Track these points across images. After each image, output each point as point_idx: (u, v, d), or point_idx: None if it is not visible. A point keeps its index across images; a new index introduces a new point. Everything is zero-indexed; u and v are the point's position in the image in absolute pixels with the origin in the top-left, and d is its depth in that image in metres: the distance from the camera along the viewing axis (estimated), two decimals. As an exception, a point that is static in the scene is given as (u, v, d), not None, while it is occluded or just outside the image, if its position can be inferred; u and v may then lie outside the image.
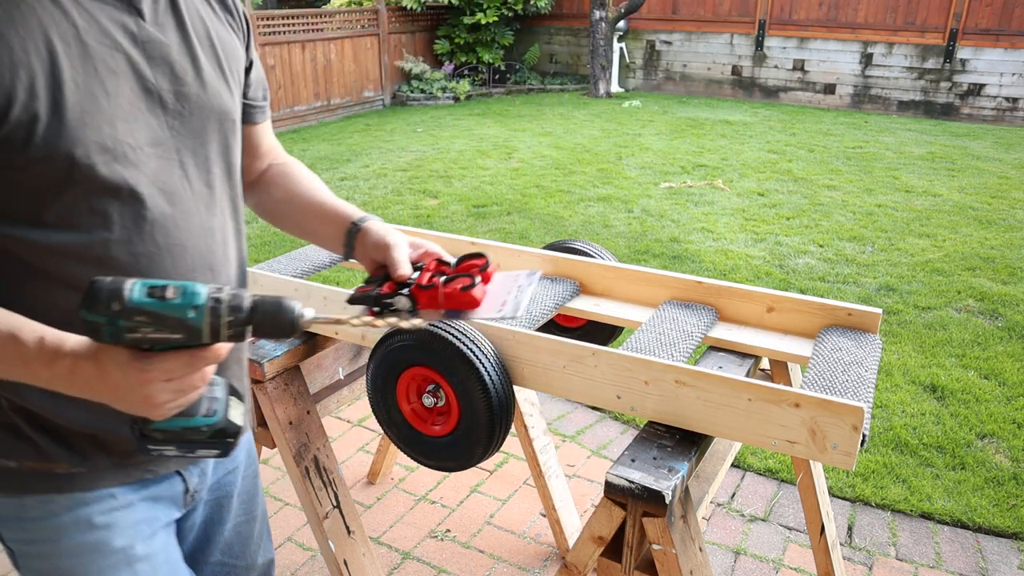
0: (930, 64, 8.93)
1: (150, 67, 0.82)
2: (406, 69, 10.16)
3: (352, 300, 0.96)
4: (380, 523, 2.30)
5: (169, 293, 0.68)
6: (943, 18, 8.75)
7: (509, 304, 0.91)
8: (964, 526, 2.29)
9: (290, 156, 1.17)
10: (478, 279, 0.92)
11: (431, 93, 10.03)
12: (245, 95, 1.02)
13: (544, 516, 2.33)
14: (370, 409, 1.33)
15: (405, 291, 0.93)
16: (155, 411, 0.73)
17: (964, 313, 3.69)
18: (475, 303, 0.91)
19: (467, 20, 10.19)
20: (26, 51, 0.71)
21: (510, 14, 10.44)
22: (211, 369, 0.74)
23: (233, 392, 0.81)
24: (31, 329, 0.72)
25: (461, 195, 5.63)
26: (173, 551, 0.98)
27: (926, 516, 2.33)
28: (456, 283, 0.91)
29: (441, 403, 1.28)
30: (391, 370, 1.29)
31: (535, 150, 7.11)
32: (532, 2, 10.39)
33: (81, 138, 0.75)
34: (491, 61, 10.64)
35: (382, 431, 1.94)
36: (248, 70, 1.01)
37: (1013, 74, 8.51)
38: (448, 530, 2.27)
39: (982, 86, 8.70)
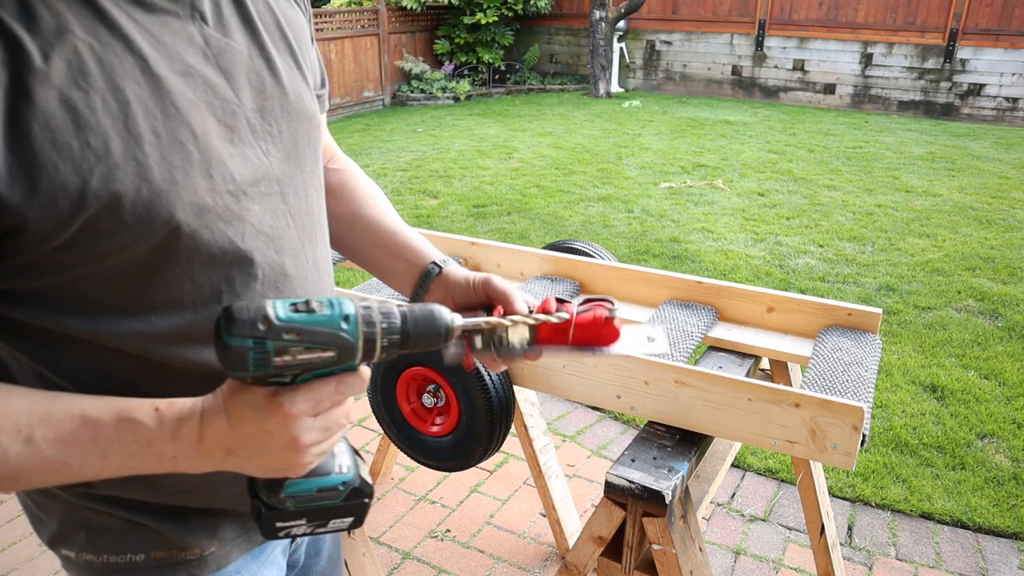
0: (930, 64, 8.93)
1: (230, 86, 0.65)
2: (406, 69, 10.16)
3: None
4: (380, 523, 2.30)
5: (315, 306, 0.58)
6: (943, 18, 8.75)
7: (654, 336, 0.76)
8: (964, 526, 2.29)
9: (347, 159, 0.98)
10: (616, 309, 0.75)
11: (431, 93, 10.03)
12: None
13: (544, 516, 2.33)
14: (370, 409, 1.33)
15: (522, 318, 0.74)
16: (301, 458, 0.59)
17: (964, 313, 3.69)
18: (615, 335, 0.75)
19: (467, 20, 10.19)
20: (92, 108, 0.55)
21: (510, 14, 10.44)
22: (360, 395, 0.62)
23: (355, 450, 0.70)
24: (140, 404, 0.59)
25: (461, 195, 5.63)
26: None
27: (926, 516, 2.33)
28: (593, 311, 0.74)
29: (441, 403, 1.28)
30: (391, 370, 1.29)
31: (535, 150, 7.11)
32: (532, 2, 10.40)
33: (174, 203, 0.60)
34: (491, 61, 10.64)
35: (382, 431, 1.94)
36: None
37: (1013, 74, 8.52)
38: (448, 530, 2.27)
39: (982, 86, 8.70)
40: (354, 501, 0.68)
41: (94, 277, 0.60)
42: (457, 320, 0.62)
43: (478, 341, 0.74)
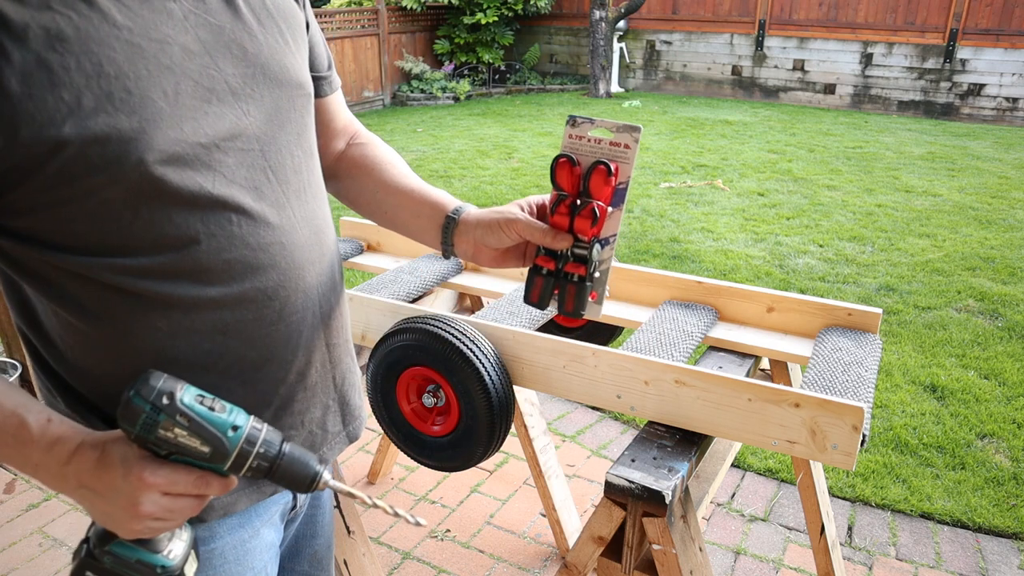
0: (930, 64, 8.93)
1: (208, 53, 0.73)
2: (406, 69, 10.16)
3: (531, 301, 0.90)
4: (380, 523, 2.30)
5: (217, 407, 0.67)
6: (943, 18, 8.75)
7: (618, 139, 0.85)
8: (964, 526, 2.29)
9: (369, 133, 1.05)
10: (604, 162, 0.84)
11: (431, 93, 10.03)
12: (310, 64, 0.90)
13: (544, 516, 2.33)
14: (370, 409, 1.33)
15: (577, 243, 0.85)
16: (134, 523, 0.67)
17: (964, 313, 3.69)
18: (617, 168, 0.84)
19: (467, 20, 10.19)
20: (66, 68, 0.64)
21: (510, 14, 10.44)
22: (206, 502, 0.71)
23: (194, 546, 0.76)
24: (39, 409, 0.68)
25: (461, 195, 5.63)
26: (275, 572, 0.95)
27: (926, 516, 2.33)
28: (595, 178, 0.84)
29: (441, 403, 1.28)
30: (391, 370, 1.29)
31: (535, 150, 7.11)
32: (532, 2, 10.40)
33: (145, 149, 0.68)
34: (491, 61, 10.64)
35: (382, 431, 1.94)
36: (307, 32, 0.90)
37: (1013, 74, 8.52)
38: (448, 530, 2.27)
39: (982, 86, 8.70)
40: None
41: (80, 216, 0.68)
42: (326, 477, 0.72)
43: (597, 289, 0.89)
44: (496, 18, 10.21)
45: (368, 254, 1.86)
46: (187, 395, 0.66)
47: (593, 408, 2.92)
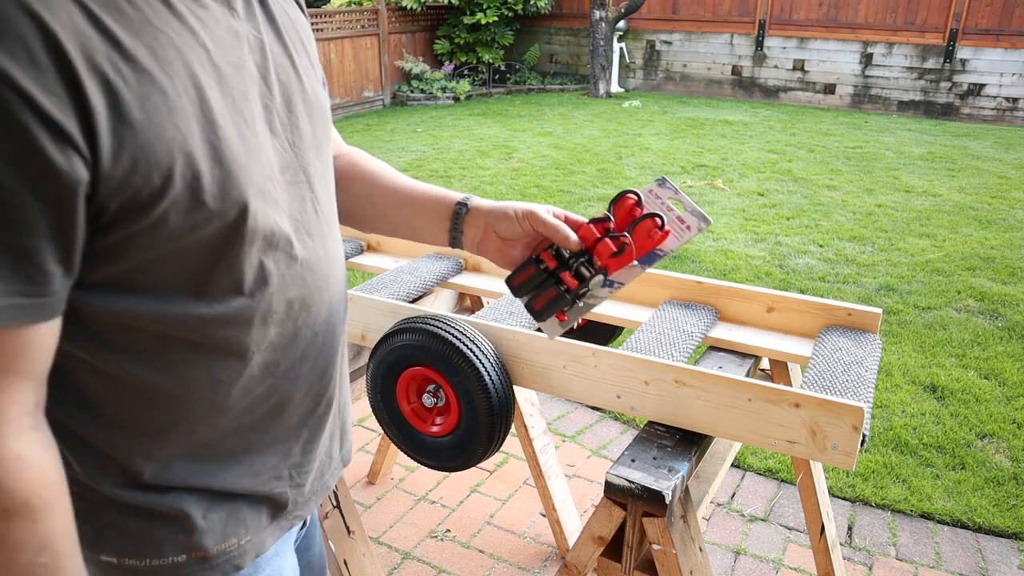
0: (930, 64, 8.93)
1: (264, 79, 0.68)
2: (406, 69, 10.17)
3: (521, 294, 0.88)
4: (380, 523, 2.30)
5: None
6: (943, 18, 8.75)
7: (686, 217, 0.84)
8: (964, 526, 2.29)
9: (350, 147, 1.03)
10: (662, 215, 0.83)
11: (431, 93, 10.03)
12: None
13: (544, 516, 2.33)
14: (370, 409, 1.33)
15: (586, 261, 0.84)
16: None
17: (964, 313, 3.69)
18: (666, 235, 0.84)
19: (467, 20, 10.19)
20: (177, 92, 0.58)
21: (510, 14, 10.44)
22: None
23: None
24: None
25: (461, 195, 5.63)
26: None
27: (926, 516, 2.33)
28: (644, 226, 0.83)
29: (441, 403, 1.28)
30: (391, 370, 1.29)
31: (535, 150, 7.11)
32: (532, 2, 10.40)
33: (244, 184, 0.63)
34: (491, 61, 10.64)
35: (382, 431, 1.94)
36: None
37: (1013, 74, 8.52)
38: (448, 530, 2.27)
39: (982, 86, 8.70)
40: None
41: (168, 260, 0.63)
42: None
43: (570, 312, 0.85)
44: (496, 18, 10.21)
45: (368, 254, 1.86)
46: None
47: (593, 408, 2.92)
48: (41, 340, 0.59)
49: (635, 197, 0.85)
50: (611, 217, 0.85)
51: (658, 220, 0.83)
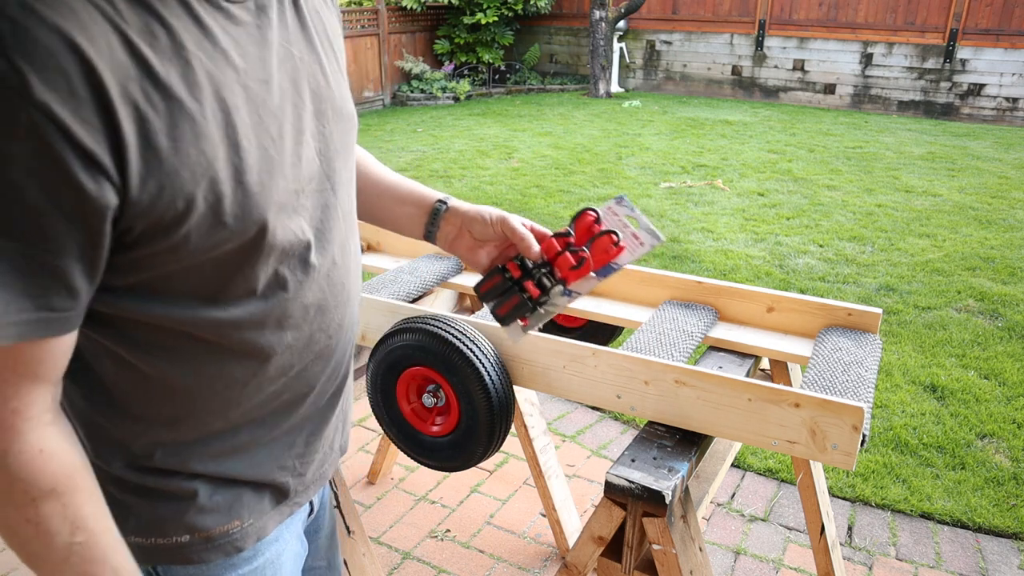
0: (930, 64, 8.93)
1: (296, 90, 0.70)
2: (406, 69, 10.17)
3: (487, 299, 0.96)
4: (380, 523, 2.30)
5: None
6: (943, 18, 8.75)
7: (640, 234, 0.92)
8: (964, 526, 2.29)
9: None
10: (617, 232, 0.92)
11: (431, 93, 10.03)
12: None
13: (544, 516, 2.33)
14: (370, 409, 1.33)
15: (547, 272, 0.93)
16: None
17: (964, 313, 3.69)
18: (621, 250, 0.92)
19: (467, 20, 10.19)
20: (204, 117, 0.61)
21: (510, 14, 10.44)
22: None
23: None
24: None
25: (461, 195, 5.63)
26: None
27: (926, 516, 2.33)
28: (601, 241, 0.92)
29: (441, 403, 1.28)
30: (391, 370, 1.29)
31: (535, 150, 7.11)
32: (532, 2, 10.40)
33: (265, 204, 0.66)
34: (491, 61, 10.64)
35: (382, 431, 1.94)
36: None
37: (1013, 74, 8.52)
38: (448, 530, 2.27)
39: (982, 86, 8.70)
40: None
41: (187, 272, 0.65)
42: None
43: (532, 318, 0.94)
44: (496, 18, 10.21)
45: (368, 254, 1.86)
46: None
47: (593, 408, 2.92)
48: (61, 348, 0.62)
49: (594, 214, 0.93)
50: (572, 232, 0.94)
51: (614, 236, 0.91)
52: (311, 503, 0.97)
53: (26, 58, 0.51)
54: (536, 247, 0.91)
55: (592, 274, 0.92)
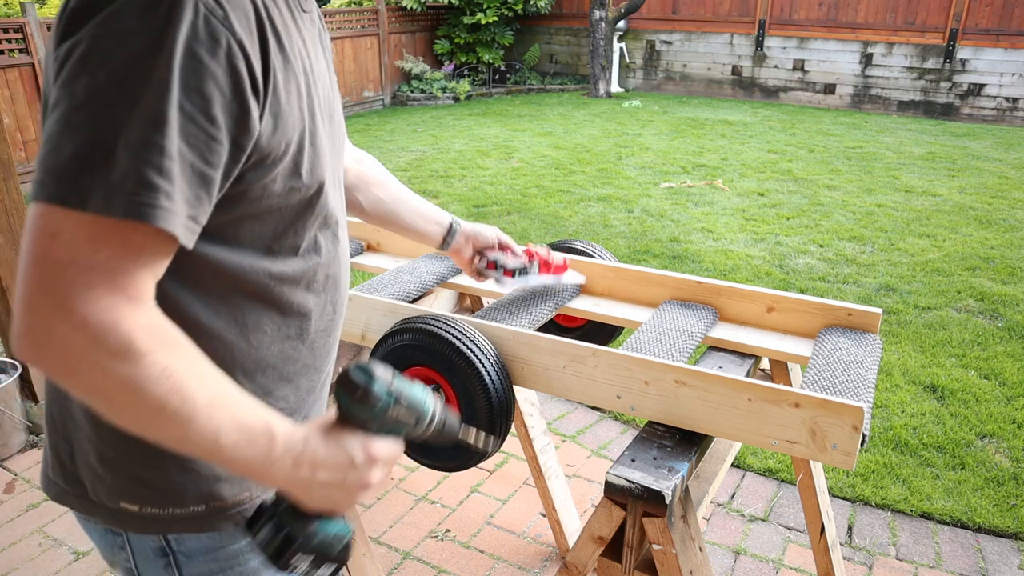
0: (930, 64, 8.93)
1: (331, 82, 0.85)
2: (406, 69, 10.16)
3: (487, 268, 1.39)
4: (380, 523, 2.30)
5: (406, 383, 0.75)
6: (943, 18, 8.75)
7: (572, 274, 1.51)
8: (964, 526, 2.29)
9: (359, 149, 1.25)
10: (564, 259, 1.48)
11: (431, 93, 10.03)
12: None
13: (544, 516, 2.33)
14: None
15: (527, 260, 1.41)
16: (360, 496, 0.73)
17: (964, 313, 3.69)
18: (567, 269, 1.48)
19: (467, 20, 10.19)
20: (298, 84, 0.73)
21: (510, 14, 10.44)
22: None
23: None
24: (276, 416, 0.70)
25: (461, 195, 5.63)
26: None
27: (926, 516, 2.33)
28: (560, 257, 1.46)
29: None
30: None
31: (535, 150, 7.11)
32: (532, 2, 10.39)
33: (324, 168, 0.78)
34: (491, 61, 10.64)
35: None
36: None
37: (1013, 74, 8.52)
38: (448, 530, 2.27)
39: (982, 86, 8.70)
40: (343, 555, 0.77)
41: (255, 219, 0.75)
42: (468, 434, 0.82)
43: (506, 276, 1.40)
44: (496, 18, 10.21)
45: (368, 254, 1.86)
46: (397, 379, 0.74)
47: (593, 408, 2.92)
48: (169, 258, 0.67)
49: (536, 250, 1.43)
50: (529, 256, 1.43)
51: (544, 262, 1.43)
52: None
53: (229, 2, 0.64)
54: (517, 247, 1.39)
55: (516, 276, 1.39)
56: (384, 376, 0.72)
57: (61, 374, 0.61)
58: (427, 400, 0.76)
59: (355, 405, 0.71)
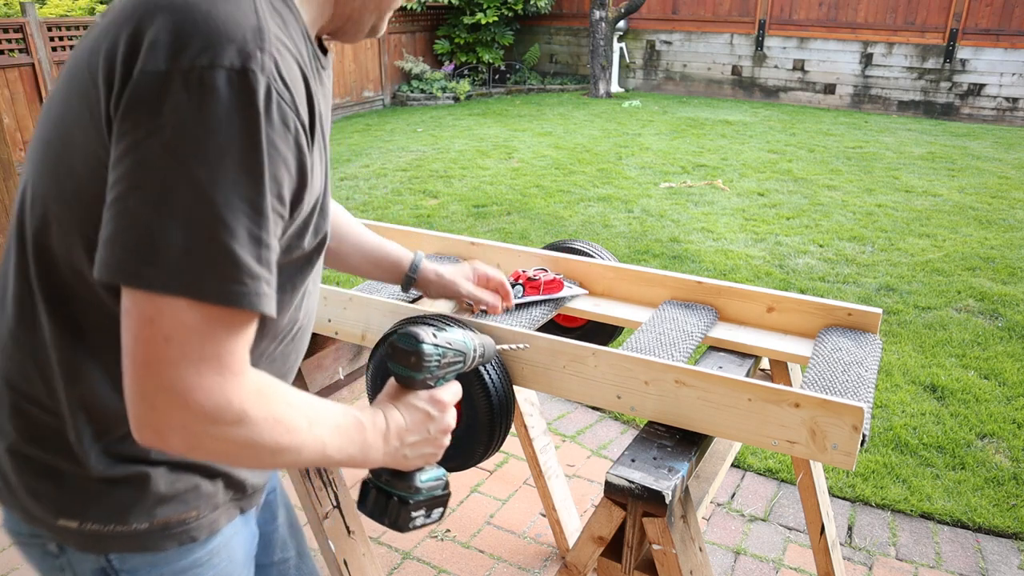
0: (930, 64, 8.93)
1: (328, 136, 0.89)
2: (406, 69, 10.16)
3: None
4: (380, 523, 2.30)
5: (443, 332, 0.83)
6: (943, 18, 8.75)
7: (569, 291, 1.46)
8: (964, 526, 2.29)
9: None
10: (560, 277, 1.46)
11: (431, 93, 10.03)
12: None
13: (544, 516, 2.33)
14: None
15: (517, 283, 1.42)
16: (446, 441, 0.83)
17: (964, 313, 3.69)
18: (562, 286, 1.45)
19: (467, 20, 10.19)
20: (320, 149, 0.76)
21: (510, 14, 10.44)
22: None
23: None
24: (357, 411, 0.78)
25: (461, 195, 5.63)
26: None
27: (926, 516, 2.33)
28: (550, 278, 1.43)
29: (441, 403, 1.28)
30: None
31: (535, 150, 7.11)
32: (532, 2, 10.39)
33: (327, 214, 0.81)
34: (491, 61, 10.64)
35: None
36: None
37: (1013, 74, 8.52)
38: (448, 530, 2.27)
39: (982, 86, 8.70)
40: (446, 492, 0.86)
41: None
42: (499, 346, 0.93)
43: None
44: (496, 18, 10.21)
45: (368, 254, 1.85)
46: (437, 332, 0.81)
47: (593, 408, 2.92)
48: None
49: (539, 274, 1.43)
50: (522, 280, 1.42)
51: (536, 283, 1.42)
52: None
53: (291, 81, 0.66)
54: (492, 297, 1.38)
55: (518, 294, 1.40)
56: (427, 336, 0.80)
57: (185, 451, 0.67)
58: (466, 339, 0.84)
59: (411, 371, 0.80)
